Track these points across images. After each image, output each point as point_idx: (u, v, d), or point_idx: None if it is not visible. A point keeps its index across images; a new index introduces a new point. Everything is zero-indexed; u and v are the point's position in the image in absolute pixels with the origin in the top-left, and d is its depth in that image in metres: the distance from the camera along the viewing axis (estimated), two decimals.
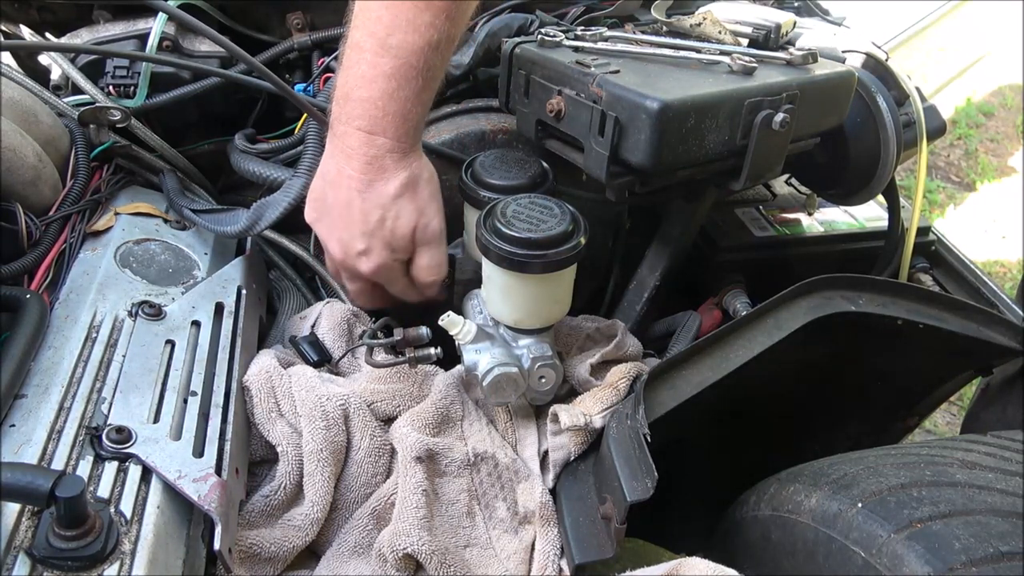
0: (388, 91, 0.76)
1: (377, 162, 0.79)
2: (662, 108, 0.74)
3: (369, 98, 0.77)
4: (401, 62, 0.75)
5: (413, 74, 0.76)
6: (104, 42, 1.04)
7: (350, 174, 0.80)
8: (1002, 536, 0.60)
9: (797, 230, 1.17)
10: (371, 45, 0.75)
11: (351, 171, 0.80)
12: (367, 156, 0.79)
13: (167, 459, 0.65)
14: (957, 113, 3.76)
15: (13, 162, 0.81)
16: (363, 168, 0.79)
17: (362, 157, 0.79)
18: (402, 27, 0.74)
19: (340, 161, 0.80)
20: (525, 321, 0.82)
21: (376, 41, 0.75)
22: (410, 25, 0.74)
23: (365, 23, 0.76)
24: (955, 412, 2.16)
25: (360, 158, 0.79)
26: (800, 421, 1.01)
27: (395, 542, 0.69)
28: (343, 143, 0.79)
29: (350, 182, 0.80)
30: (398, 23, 0.74)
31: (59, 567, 0.54)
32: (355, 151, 0.79)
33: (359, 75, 0.77)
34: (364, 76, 0.76)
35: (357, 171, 0.79)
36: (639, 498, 0.66)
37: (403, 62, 0.75)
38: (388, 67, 0.75)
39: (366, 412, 0.80)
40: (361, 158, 0.79)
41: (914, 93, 1.04)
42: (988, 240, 2.99)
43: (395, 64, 0.75)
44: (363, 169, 0.79)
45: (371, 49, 0.75)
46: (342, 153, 0.80)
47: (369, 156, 0.79)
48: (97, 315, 0.77)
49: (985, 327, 0.90)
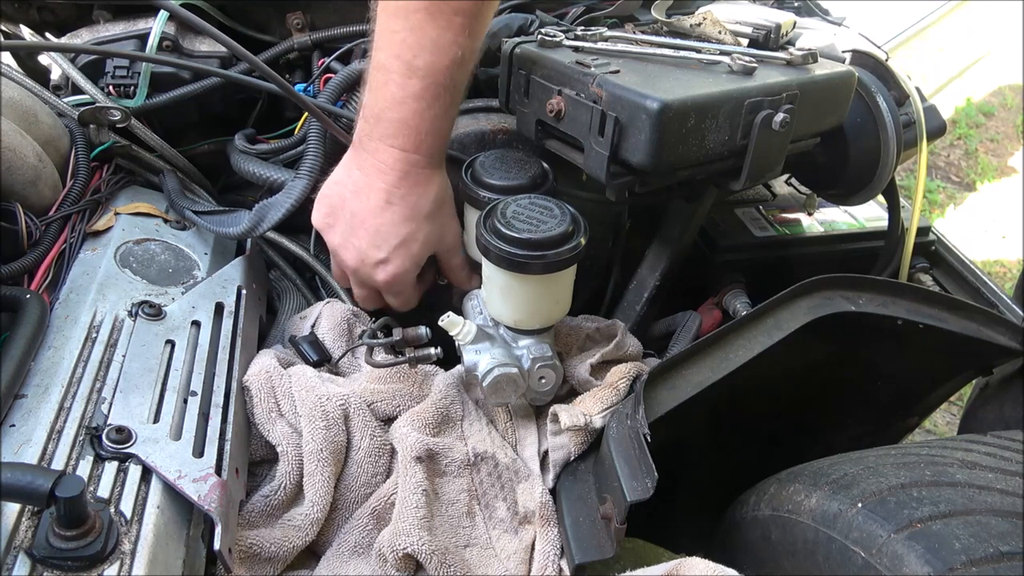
0: (419, 111, 0.79)
1: (411, 178, 0.83)
2: (662, 108, 0.74)
3: (402, 119, 0.80)
4: (429, 82, 0.78)
5: (441, 91, 0.79)
6: (104, 42, 1.04)
7: (382, 187, 0.83)
8: (1002, 536, 0.60)
9: (797, 230, 1.17)
10: (398, 67, 0.77)
11: (383, 184, 0.82)
12: (401, 172, 0.82)
13: (167, 459, 0.65)
14: (957, 113, 3.76)
15: (13, 162, 0.81)
16: (397, 183, 0.82)
17: (397, 172, 0.82)
18: (427, 48, 0.76)
19: (371, 175, 0.83)
20: (525, 321, 0.82)
21: (402, 63, 0.77)
22: (435, 46, 0.76)
23: (389, 45, 0.78)
24: (955, 412, 2.16)
25: (395, 173, 0.82)
26: (800, 421, 1.01)
27: (395, 542, 0.69)
28: (375, 158, 0.82)
29: (379, 194, 0.83)
30: (423, 45, 0.76)
31: (59, 567, 0.54)
32: (389, 167, 0.82)
33: (389, 96, 0.79)
34: (394, 97, 0.79)
35: (391, 184, 0.82)
36: (639, 498, 0.66)
37: (431, 82, 0.78)
38: (417, 88, 0.78)
39: (366, 412, 0.80)
40: (396, 173, 0.82)
41: (914, 93, 1.04)
42: (988, 240, 2.99)
43: (423, 84, 0.78)
44: (397, 183, 0.82)
45: (398, 71, 0.78)
46: (374, 168, 0.83)
47: (403, 172, 0.82)
48: (97, 315, 0.77)
49: (985, 327, 0.90)
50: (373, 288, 0.90)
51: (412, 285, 0.90)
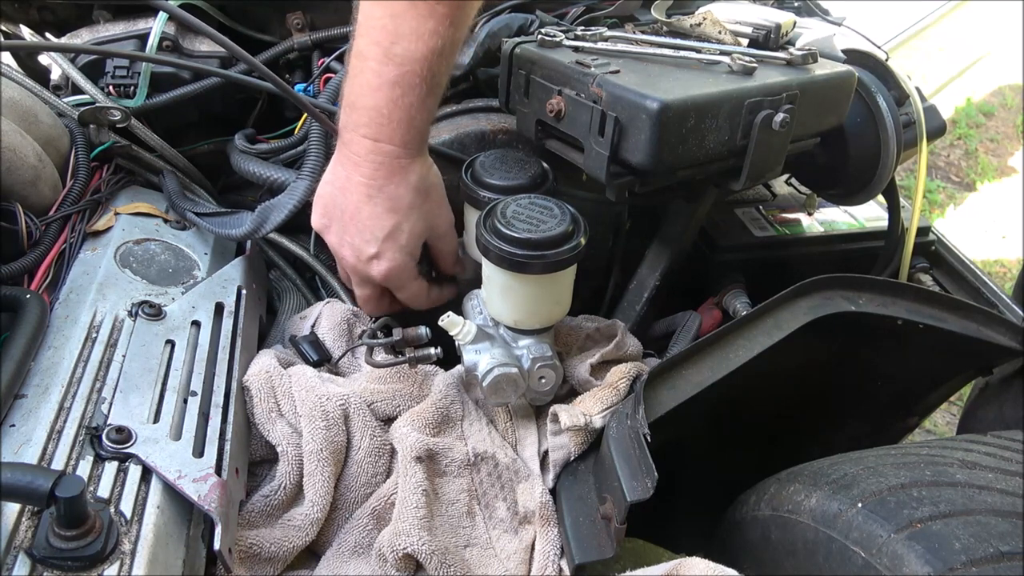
0: (393, 99, 0.77)
1: (384, 168, 0.80)
2: (662, 108, 0.74)
3: (374, 106, 0.78)
4: (405, 70, 0.76)
5: (417, 81, 0.77)
6: (104, 42, 1.04)
7: (359, 180, 0.81)
8: (1002, 536, 0.60)
9: (797, 230, 1.17)
10: (375, 54, 0.76)
11: (359, 177, 0.81)
12: (374, 163, 0.80)
13: (167, 459, 0.65)
14: (957, 113, 3.76)
15: (13, 162, 0.81)
16: (371, 174, 0.81)
17: (369, 164, 0.80)
18: (406, 36, 0.75)
19: (348, 168, 0.82)
20: (525, 321, 0.82)
21: (380, 50, 0.76)
22: (414, 33, 0.75)
23: (369, 31, 0.76)
24: (955, 412, 2.16)
25: (368, 164, 0.80)
26: (800, 421, 1.01)
27: (395, 542, 0.69)
28: (350, 150, 0.81)
29: (359, 188, 0.81)
30: (402, 32, 0.75)
31: (59, 567, 0.54)
32: (362, 158, 0.80)
33: (364, 83, 0.78)
34: (369, 84, 0.77)
35: (366, 177, 0.81)
36: (639, 498, 0.66)
37: (407, 70, 0.76)
38: (392, 75, 0.76)
39: (366, 412, 0.80)
40: (368, 164, 0.80)
41: (914, 93, 1.04)
42: (988, 240, 2.99)
43: (399, 72, 0.76)
44: (371, 175, 0.81)
45: (375, 58, 0.76)
46: (349, 160, 0.81)
47: (376, 162, 0.80)
48: (97, 315, 0.77)
49: (985, 327, 0.90)
50: (375, 286, 0.89)
51: (413, 277, 0.88)
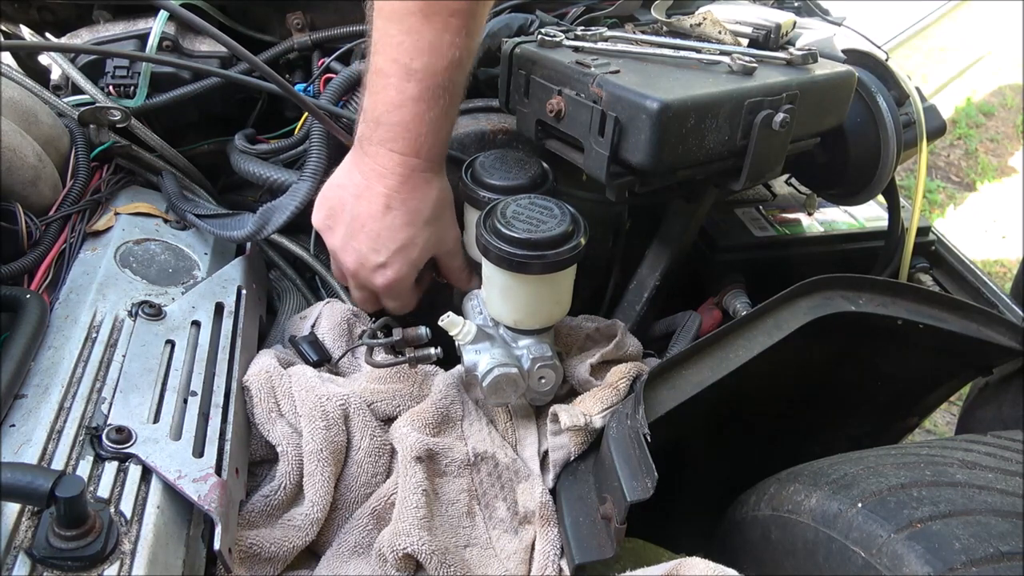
0: (418, 114, 0.79)
1: (411, 182, 0.82)
2: (662, 108, 0.74)
3: (401, 122, 0.79)
4: (427, 84, 0.77)
5: (440, 93, 0.78)
6: (104, 42, 1.04)
7: (381, 191, 0.82)
8: (1002, 536, 0.60)
9: (797, 230, 1.17)
10: (395, 71, 0.77)
11: (382, 188, 0.82)
12: (401, 176, 0.82)
13: (167, 459, 0.65)
14: (957, 113, 3.76)
15: (13, 162, 0.81)
16: (397, 186, 0.82)
17: (397, 177, 0.82)
18: (424, 51, 0.76)
19: (371, 179, 0.82)
20: (525, 321, 0.82)
21: (400, 67, 0.77)
22: (432, 48, 0.76)
23: (386, 49, 0.77)
24: (955, 412, 2.15)
25: (394, 177, 0.82)
26: (800, 421, 1.01)
27: (395, 542, 0.69)
28: (375, 162, 0.82)
29: (379, 198, 0.82)
30: (420, 47, 0.76)
31: (59, 567, 0.54)
32: (389, 170, 0.81)
33: (387, 100, 0.79)
34: (392, 102, 0.78)
35: (390, 188, 0.82)
36: (639, 498, 0.66)
37: (429, 84, 0.77)
38: (415, 91, 0.77)
39: (366, 412, 0.80)
40: (395, 177, 0.82)
41: (914, 93, 1.04)
42: (988, 240, 2.99)
43: (422, 87, 0.77)
44: (397, 188, 0.82)
45: (396, 74, 0.77)
46: (374, 172, 0.82)
47: (403, 176, 0.82)
48: (97, 315, 0.77)
49: (985, 327, 0.90)
50: (372, 291, 0.90)
51: (410, 289, 0.91)
